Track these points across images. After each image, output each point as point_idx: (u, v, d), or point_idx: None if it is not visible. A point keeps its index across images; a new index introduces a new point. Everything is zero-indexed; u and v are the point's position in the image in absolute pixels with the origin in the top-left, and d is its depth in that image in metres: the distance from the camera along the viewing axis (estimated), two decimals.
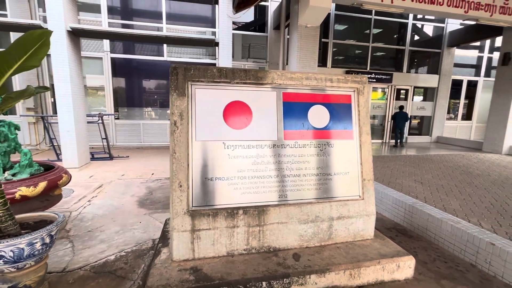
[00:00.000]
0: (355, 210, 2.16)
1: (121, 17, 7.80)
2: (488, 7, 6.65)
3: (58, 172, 2.70)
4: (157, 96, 8.57)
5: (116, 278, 1.98)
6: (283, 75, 2.09)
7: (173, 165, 1.84)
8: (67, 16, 4.86)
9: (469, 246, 2.24)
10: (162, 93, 8.58)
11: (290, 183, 2.04)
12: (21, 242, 1.55)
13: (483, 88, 11.33)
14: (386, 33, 10.14)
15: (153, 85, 8.53)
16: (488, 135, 8.66)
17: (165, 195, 4.06)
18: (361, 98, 2.26)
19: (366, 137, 2.24)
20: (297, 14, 5.95)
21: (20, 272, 1.62)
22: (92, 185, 4.44)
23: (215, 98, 1.96)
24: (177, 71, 1.89)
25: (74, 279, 1.95)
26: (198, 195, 1.87)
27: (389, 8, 6.23)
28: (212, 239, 1.88)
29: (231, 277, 1.70)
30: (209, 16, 8.44)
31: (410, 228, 2.89)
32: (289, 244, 2.05)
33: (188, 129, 1.88)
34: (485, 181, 5.11)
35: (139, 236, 2.71)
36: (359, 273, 1.88)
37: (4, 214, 1.64)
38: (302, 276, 1.77)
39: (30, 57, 1.60)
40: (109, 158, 6.31)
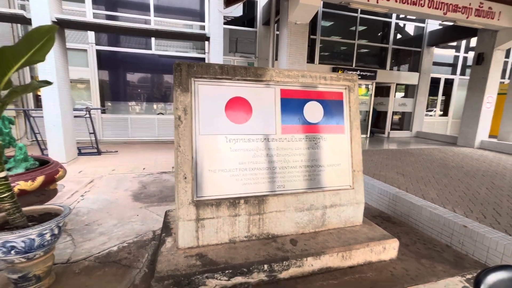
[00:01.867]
0: (346, 198, 2.35)
1: (107, 8, 7.55)
2: (465, 9, 7.07)
3: (55, 166, 2.70)
4: (145, 90, 8.42)
5: (122, 267, 2.05)
6: (281, 73, 2.21)
7: (178, 158, 1.93)
8: (52, 7, 4.69)
9: (445, 229, 2.50)
10: (151, 87, 8.45)
11: (288, 174, 2.19)
12: (32, 233, 1.60)
13: (458, 86, 12.02)
14: (371, 31, 10.47)
15: (141, 79, 8.37)
16: (462, 130, 9.26)
17: (159, 189, 4.11)
18: (352, 95, 2.43)
19: (356, 131, 2.43)
20: (287, 11, 6.05)
21: (30, 263, 1.67)
22: (83, 180, 4.39)
23: (217, 94, 2.05)
24: (180, 68, 1.97)
25: (80, 269, 2.01)
26: (202, 186, 1.97)
27: (374, 8, 6.47)
28: (215, 227, 2.00)
29: (235, 261, 1.84)
30: (197, 9, 8.35)
31: (393, 215, 3.14)
32: (287, 231, 2.20)
33: (192, 123, 1.97)
34: (459, 173, 5.54)
35: (138, 228, 2.77)
36: (350, 255, 2.07)
37: (12, 206, 1.67)
38: (299, 259, 1.93)
39: (36, 52, 1.62)
40: (97, 153, 6.20)
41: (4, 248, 1.54)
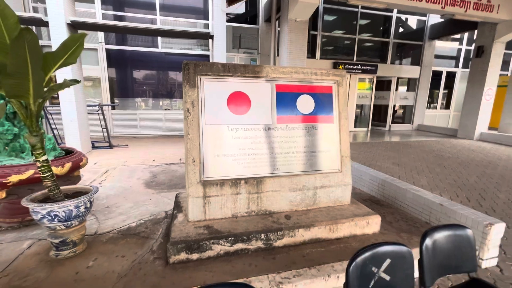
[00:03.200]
0: (335, 180, 2.65)
1: (115, 8, 7.89)
2: (463, 3, 7.19)
3: (79, 155, 3.06)
4: (152, 87, 8.78)
5: (141, 238, 2.41)
6: (276, 70, 2.51)
7: (188, 144, 2.26)
8: (66, 10, 5.03)
9: (425, 208, 2.79)
10: (157, 84, 8.80)
11: (282, 159, 2.51)
12: (70, 205, 1.95)
13: (460, 78, 12.07)
14: (371, 26, 10.59)
15: (148, 76, 8.72)
16: (462, 123, 9.40)
17: (168, 178, 4.47)
18: (341, 88, 2.72)
19: (344, 121, 2.72)
20: (287, 8, 6.29)
21: (68, 230, 2.03)
22: (99, 170, 4.78)
23: (220, 89, 2.37)
24: (188, 66, 2.28)
25: (107, 239, 2.37)
26: (208, 168, 2.30)
27: (372, 3, 6.66)
28: (220, 204, 2.34)
29: (236, 231, 2.17)
30: (201, 7, 8.62)
31: (382, 198, 3.44)
32: (282, 208, 2.53)
33: (198, 115, 2.29)
34: (453, 163, 5.77)
35: (152, 209, 3.13)
36: (336, 228, 2.39)
37: (52, 184, 2.03)
38: (292, 230, 2.26)
39: (70, 55, 1.95)
40: (109, 146, 6.60)
41: (49, 216, 1.90)
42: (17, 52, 1.51)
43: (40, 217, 1.89)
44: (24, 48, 1.52)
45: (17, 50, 1.51)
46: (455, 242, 1.50)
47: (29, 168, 2.50)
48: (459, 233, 1.51)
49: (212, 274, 1.90)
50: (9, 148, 2.69)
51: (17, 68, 1.56)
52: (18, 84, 1.64)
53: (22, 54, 1.53)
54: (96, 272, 1.91)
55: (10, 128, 2.63)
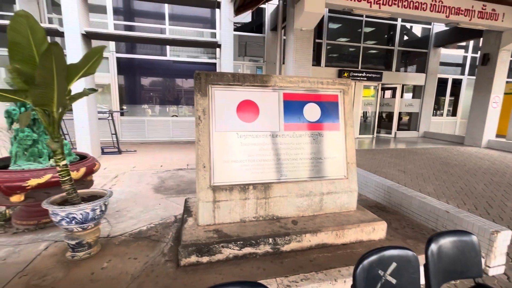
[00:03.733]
0: (341, 187, 2.70)
1: (126, 18, 8.17)
2: (468, 12, 7.25)
3: (92, 160, 3.18)
4: (160, 94, 8.99)
5: (152, 241, 2.48)
6: (284, 79, 2.60)
7: (198, 151, 2.34)
8: (81, 21, 5.26)
9: (431, 215, 2.81)
10: (165, 91, 9.01)
11: (289, 165, 2.57)
12: (87, 208, 2.05)
13: (467, 86, 12.04)
14: (376, 34, 10.71)
15: (157, 83, 8.94)
16: (469, 130, 9.35)
17: (176, 183, 4.56)
18: (346, 97, 2.79)
19: (350, 129, 2.78)
20: (292, 18, 6.44)
21: (84, 232, 2.12)
22: (109, 175, 4.90)
23: (230, 97, 2.46)
24: (200, 76, 2.39)
25: (119, 242, 2.45)
26: (218, 174, 2.38)
27: (377, 13, 6.77)
28: (229, 208, 2.41)
29: (245, 235, 2.23)
30: (209, 17, 8.86)
31: (388, 205, 3.46)
32: (289, 213, 2.58)
33: (209, 122, 2.38)
34: (460, 170, 5.74)
35: (162, 213, 3.21)
36: (343, 234, 2.43)
37: (70, 187, 2.13)
38: (299, 235, 2.31)
39: (91, 66, 2.08)
40: (118, 152, 6.75)
41: (68, 219, 1.99)
42: (45, 64, 1.63)
43: (59, 219, 1.99)
44: (51, 60, 1.64)
45: (45, 63, 1.63)
46: (460, 248, 1.53)
47: (47, 172, 2.62)
48: (464, 239, 1.54)
49: (222, 276, 1.96)
50: (28, 153, 2.81)
51: (44, 79, 1.68)
52: (44, 94, 1.76)
53: (49, 66, 1.65)
54: (110, 273, 1.98)
55: (29, 134, 2.76)
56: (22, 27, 1.65)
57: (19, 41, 1.68)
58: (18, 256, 2.18)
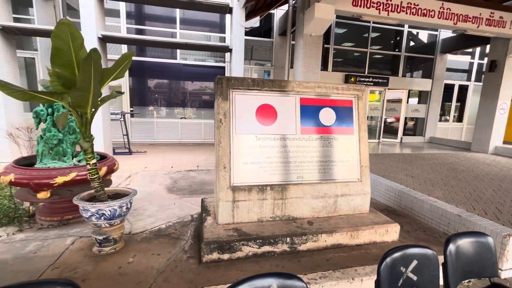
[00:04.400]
0: (355, 189, 2.78)
1: (138, 22, 8.37)
2: (475, 19, 7.32)
3: (112, 160, 3.29)
4: (170, 96, 9.14)
5: (172, 239, 2.58)
6: (300, 84, 2.70)
7: (219, 152, 2.44)
8: (98, 25, 5.43)
9: (443, 219, 2.87)
10: (175, 94, 9.16)
11: (305, 168, 2.66)
12: (115, 205, 2.15)
13: (473, 92, 12.05)
14: (383, 39, 10.80)
15: (166, 86, 9.10)
16: (476, 136, 9.35)
17: (188, 184, 4.66)
18: (360, 102, 2.88)
19: (364, 133, 2.87)
20: (302, 24, 6.56)
21: (111, 228, 2.22)
22: (122, 175, 5.02)
23: (250, 101, 2.57)
24: (221, 81, 2.50)
25: (141, 239, 2.55)
26: (237, 174, 2.48)
27: (385, 20, 6.87)
28: (247, 208, 2.49)
29: (263, 234, 2.32)
30: (218, 21, 9.03)
31: (398, 209, 3.52)
32: (304, 214, 2.66)
33: (230, 125, 2.48)
34: (468, 176, 5.77)
35: (178, 213, 3.30)
36: (357, 235, 2.50)
37: (98, 185, 2.24)
38: (315, 235, 2.39)
39: (120, 71, 2.20)
40: (129, 153, 6.88)
41: (97, 215, 2.10)
42: (85, 69, 1.75)
43: (90, 215, 2.09)
44: (90, 65, 1.76)
45: (86, 68, 1.75)
46: (476, 248, 1.61)
47: (72, 170, 2.74)
48: (481, 240, 1.62)
49: (243, 273, 2.04)
50: (53, 152, 2.94)
51: (84, 83, 1.80)
52: (81, 96, 1.88)
53: (88, 71, 1.77)
54: (136, 267, 2.08)
55: (55, 134, 2.88)
56: (64, 34, 1.78)
57: (61, 47, 1.80)
58: (47, 250, 2.28)
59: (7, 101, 5.28)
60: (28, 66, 7.81)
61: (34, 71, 7.80)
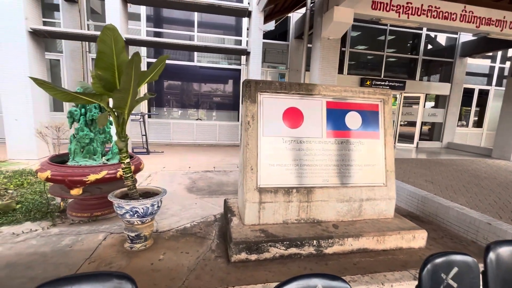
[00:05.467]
0: (380, 194, 2.76)
1: (157, 26, 8.59)
2: (499, 22, 7.12)
3: (138, 159, 3.39)
4: (186, 98, 9.31)
5: (198, 238, 2.63)
6: (327, 88, 2.72)
7: (247, 154, 2.48)
8: (122, 28, 5.62)
9: (471, 227, 2.81)
10: (191, 95, 9.32)
11: (331, 171, 2.67)
12: (148, 203, 2.22)
13: (494, 96, 11.67)
14: (400, 43, 10.64)
15: (184, 87, 9.27)
16: (497, 142, 9.05)
17: (207, 184, 4.73)
18: (386, 107, 2.87)
19: (390, 137, 2.85)
20: (320, 27, 6.57)
21: (142, 225, 2.30)
22: (143, 174, 5.14)
23: (277, 104, 2.60)
24: (250, 84, 2.55)
25: (169, 237, 2.62)
26: (264, 176, 2.51)
27: (405, 23, 6.79)
28: (273, 210, 2.52)
29: (290, 236, 2.33)
30: (234, 24, 9.15)
31: (422, 215, 3.46)
32: (329, 218, 2.67)
33: (257, 127, 2.52)
34: (491, 183, 5.60)
35: (200, 213, 3.36)
36: (383, 240, 2.48)
37: (132, 184, 2.32)
38: (342, 239, 2.39)
39: (155, 73, 2.28)
40: (147, 152, 7.04)
41: (131, 212, 2.17)
42: (128, 72, 1.83)
43: (124, 212, 2.17)
44: (132, 68, 1.83)
45: (128, 71, 1.83)
46: None
47: (103, 169, 2.84)
48: None
49: (272, 274, 2.06)
50: (84, 150, 3.06)
51: (125, 85, 1.88)
52: (122, 98, 1.96)
53: (130, 73, 1.85)
54: (168, 264, 2.14)
55: (88, 133, 3.00)
56: (108, 39, 1.87)
57: (105, 51, 1.89)
58: (82, 245, 2.38)
59: (36, 100, 5.52)
60: (53, 67, 8.13)
61: (58, 72, 8.12)
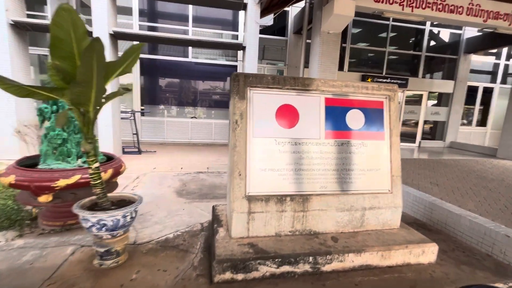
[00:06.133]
0: (385, 202, 2.46)
1: (150, 20, 8.25)
2: (507, 16, 6.80)
3: (119, 161, 3.09)
4: (180, 95, 8.99)
5: (180, 251, 2.34)
6: (326, 83, 2.41)
7: (234, 157, 2.19)
8: (109, 21, 5.30)
9: (486, 238, 2.52)
10: (186, 92, 9.00)
11: (329, 176, 2.37)
12: (118, 214, 1.93)
13: (499, 94, 11.36)
14: (402, 39, 10.31)
15: (177, 85, 8.95)
16: (503, 142, 8.75)
17: (198, 187, 4.43)
18: (392, 104, 2.56)
19: (396, 138, 2.55)
20: (319, 21, 6.24)
21: (113, 239, 2.00)
22: (130, 176, 4.85)
23: (269, 101, 2.30)
24: (238, 78, 2.24)
25: (147, 250, 2.32)
26: (254, 183, 2.21)
27: (408, 16, 6.46)
28: (264, 221, 2.23)
29: (283, 251, 2.04)
30: (231, 19, 8.81)
31: (429, 223, 3.16)
32: (327, 229, 2.37)
33: (247, 127, 2.22)
34: (499, 186, 5.30)
35: (187, 220, 3.07)
36: (389, 255, 2.19)
37: (101, 192, 2.02)
38: (342, 254, 2.09)
39: (128, 65, 1.97)
40: (138, 152, 6.74)
41: (98, 225, 1.88)
42: (86, 61, 1.53)
43: (90, 225, 1.87)
44: (92, 57, 1.53)
45: (87, 60, 1.52)
46: None
47: (75, 173, 2.55)
48: None
49: None
50: (57, 152, 2.76)
51: (85, 77, 1.58)
52: (82, 92, 1.66)
53: (90, 63, 1.55)
54: (140, 286, 1.85)
55: (60, 133, 2.70)
56: (65, 22, 1.56)
57: (61, 37, 1.59)
58: (45, 261, 2.08)
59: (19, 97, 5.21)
60: (43, 63, 7.81)
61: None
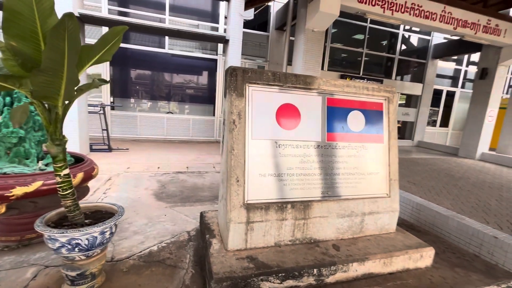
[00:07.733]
0: (383, 206, 2.41)
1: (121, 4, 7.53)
2: (474, 25, 7.30)
3: (90, 163, 2.69)
4: (155, 88, 8.39)
5: (168, 267, 2.06)
6: (328, 82, 2.27)
7: (231, 161, 1.96)
8: (75, 2, 4.67)
9: (473, 239, 2.59)
10: (161, 86, 8.42)
11: (332, 181, 2.24)
12: (96, 231, 1.61)
13: (459, 98, 12.34)
14: (378, 41, 10.68)
15: (153, 77, 8.33)
16: (464, 142, 9.50)
17: (179, 189, 4.11)
18: (391, 106, 2.51)
19: (394, 141, 2.50)
20: (304, 18, 6.14)
21: (88, 260, 1.67)
22: (101, 177, 4.34)
23: (269, 100, 2.10)
24: (236, 73, 2.01)
25: (127, 268, 2.01)
26: (253, 189, 2.01)
27: (389, 19, 6.63)
28: (263, 231, 2.04)
29: (286, 265, 1.87)
30: (210, 10, 8.39)
31: (417, 224, 3.22)
32: (327, 236, 2.25)
33: (245, 128, 2.00)
34: (466, 184, 5.69)
35: (171, 228, 2.77)
36: (390, 262, 2.13)
37: (72, 204, 1.68)
38: (345, 264, 1.98)
39: (106, 51, 1.64)
40: (108, 150, 6.14)
41: (69, 245, 1.54)
42: (54, 44, 1.19)
43: (58, 246, 1.53)
44: (63, 39, 1.20)
45: (55, 41, 1.19)
46: None
47: (36, 178, 2.13)
48: None
49: None
50: (12, 153, 2.30)
51: (52, 64, 1.24)
52: (49, 83, 1.31)
53: (60, 46, 1.21)
54: None
55: (15, 130, 2.25)
56: None
57: (19, 10, 1.23)
58: None
59: None
60: None
61: None
